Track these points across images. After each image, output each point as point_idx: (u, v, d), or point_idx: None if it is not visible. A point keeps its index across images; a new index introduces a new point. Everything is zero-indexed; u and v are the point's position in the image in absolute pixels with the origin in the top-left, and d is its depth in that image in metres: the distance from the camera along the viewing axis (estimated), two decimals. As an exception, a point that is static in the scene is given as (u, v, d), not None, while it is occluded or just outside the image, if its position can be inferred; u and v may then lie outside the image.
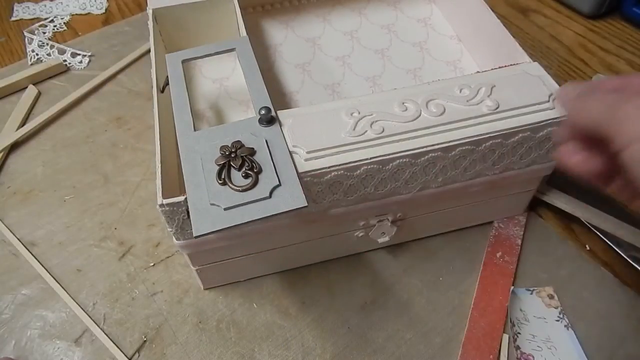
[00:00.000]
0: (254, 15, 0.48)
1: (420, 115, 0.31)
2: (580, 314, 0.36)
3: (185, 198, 0.28)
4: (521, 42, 0.36)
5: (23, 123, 0.48)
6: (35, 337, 0.36)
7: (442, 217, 0.38)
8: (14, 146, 0.48)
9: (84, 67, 0.53)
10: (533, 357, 0.34)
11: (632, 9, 0.56)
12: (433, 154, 0.31)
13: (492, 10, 0.39)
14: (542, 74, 0.34)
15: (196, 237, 0.26)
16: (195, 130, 0.32)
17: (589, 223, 0.38)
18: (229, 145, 0.30)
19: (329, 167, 0.30)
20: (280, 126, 0.31)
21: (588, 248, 0.39)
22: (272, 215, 0.27)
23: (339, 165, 0.30)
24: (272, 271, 0.39)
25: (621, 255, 0.37)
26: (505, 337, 0.35)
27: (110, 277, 0.39)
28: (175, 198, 0.29)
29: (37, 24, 0.59)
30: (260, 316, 0.37)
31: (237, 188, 0.28)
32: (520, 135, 0.32)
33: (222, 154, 0.29)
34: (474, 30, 0.43)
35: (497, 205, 0.39)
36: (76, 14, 0.61)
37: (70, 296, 0.38)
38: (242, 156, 0.29)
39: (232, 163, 0.29)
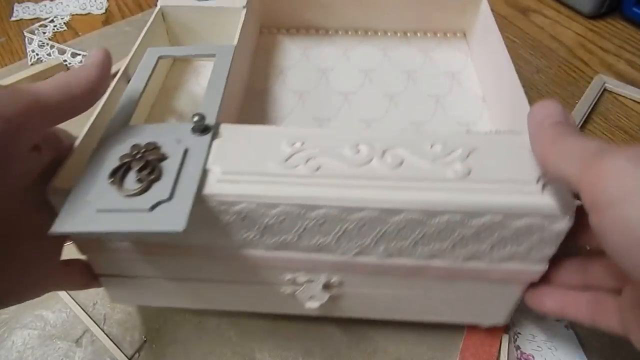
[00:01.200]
0: (275, 35, 0.45)
1: (369, 163, 0.26)
2: None
3: (71, 189, 0.25)
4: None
5: None
6: (35, 337, 0.35)
7: (393, 300, 0.31)
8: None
9: None
10: (533, 357, 0.34)
11: (632, 9, 0.56)
12: (370, 214, 0.25)
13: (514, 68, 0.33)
14: (544, 152, 0.27)
15: (52, 233, 0.23)
16: (129, 125, 0.29)
17: None
18: (141, 145, 0.26)
19: (238, 195, 0.25)
20: (213, 139, 0.27)
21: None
22: (140, 231, 0.23)
23: (252, 196, 0.25)
24: (190, 306, 0.34)
25: None
26: (505, 337, 0.34)
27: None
28: (61, 186, 0.26)
29: (37, 24, 0.60)
30: (260, 316, 0.35)
31: (122, 192, 0.24)
32: (489, 217, 0.25)
33: (130, 152, 0.26)
34: (497, 92, 0.36)
35: (464, 305, 0.31)
36: (76, 14, 0.62)
37: (70, 296, 0.37)
38: (147, 159, 0.26)
39: (133, 164, 0.25)
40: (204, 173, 0.26)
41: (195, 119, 0.27)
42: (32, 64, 0.54)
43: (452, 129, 0.37)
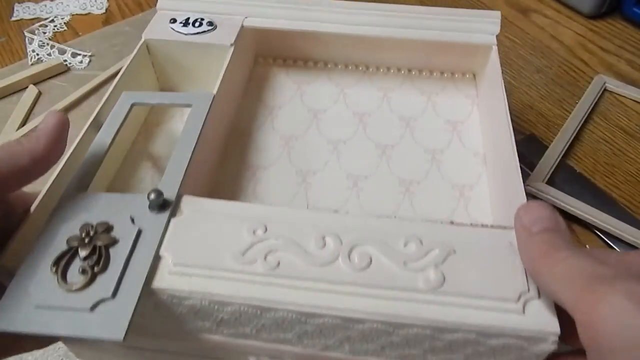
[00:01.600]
0: (271, 66, 0.43)
1: (335, 262, 0.24)
2: None
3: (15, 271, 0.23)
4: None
5: (23, 123, 0.48)
6: None
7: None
8: (15, 146, 0.47)
9: (85, 67, 0.53)
10: None
11: (633, 9, 0.55)
12: (330, 320, 0.23)
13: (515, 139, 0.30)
14: (534, 256, 0.24)
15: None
16: (86, 190, 0.27)
17: (589, 222, 0.37)
18: (92, 226, 0.25)
19: (190, 292, 0.23)
20: (172, 216, 0.26)
21: (588, 248, 0.37)
22: (79, 336, 0.21)
23: (204, 293, 0.23)
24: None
25: None
26: None
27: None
28: (9, 263, 0.24)
29: (37, 24, 0.59)
30: None
31: (64, 285, 0.23)
32: (462, 334, 0.22)
33: (78, 234, 0.24)
34: (495, 156, 0.33)
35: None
36: (76, 14, 0.61)
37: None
38: (95, 244, 0.24)
39: (79, 250, 0.24)
40: (156, 259, 0.24)
41: (152, 197, 0.25)
42: (32, 64, 0.54)
43: (447, 192, 0.34)
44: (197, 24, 0.37)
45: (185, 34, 0.37)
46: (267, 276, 0.23)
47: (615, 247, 0.36)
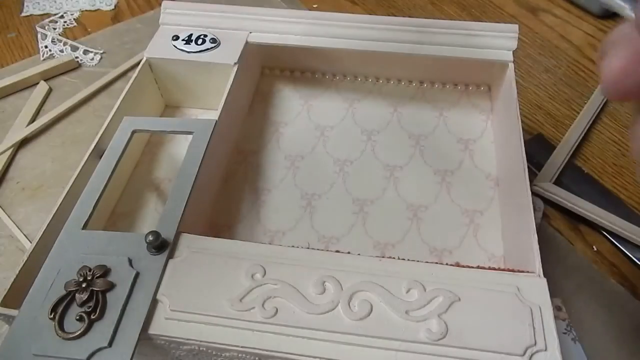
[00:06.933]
0: (278, 78, 0.42)
1: (334, 310, 0.23)
2: (588, 327, 0.33)
3: (13, 317, 0.23)
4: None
5: (33, 119, 0.48)
6: None
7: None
8: (24, 142, 0.48)
9: (95, 64, 0.53)
10: None
11: None
12: (330, 369, 0.22)
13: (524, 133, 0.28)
14: (541, 302, 0.23)
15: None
16: (84, 228, 0.27)
17: (596, 223, 0.36)
18: (89, 269, 0.24)
19: (187, 338, 0.23)
20: (170, 257, 0.25)
21: (595, 249, 0.37)
22: (74, 388, 0.21)
23: (201, 340, 0.23)
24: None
25: (629, 256, 0.35)
26: None
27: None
28: (10, 305, 0.24)
29: (47, 20, 0.59)
30: None
31: (60, 333, 0.22)
32: (464, 388, 0.22)
33: (76, 278, 0.24)
34: (507, 181, 0.32)
35: None
36: (85, 10, 0.61)
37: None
38: (92, 289, 0.24)
39: (76, 295, 0.24)
40: (154, 303, 0.24)
41: (149, 238, 0.25)
42: (44, 60, 0.54)
43: (456, 218, 0.33)
44: (200, 41, 0.37)
45: (188, 52, 0.36)
46: (264, 324, 0.23)
47: (622, 248, 0.36)
